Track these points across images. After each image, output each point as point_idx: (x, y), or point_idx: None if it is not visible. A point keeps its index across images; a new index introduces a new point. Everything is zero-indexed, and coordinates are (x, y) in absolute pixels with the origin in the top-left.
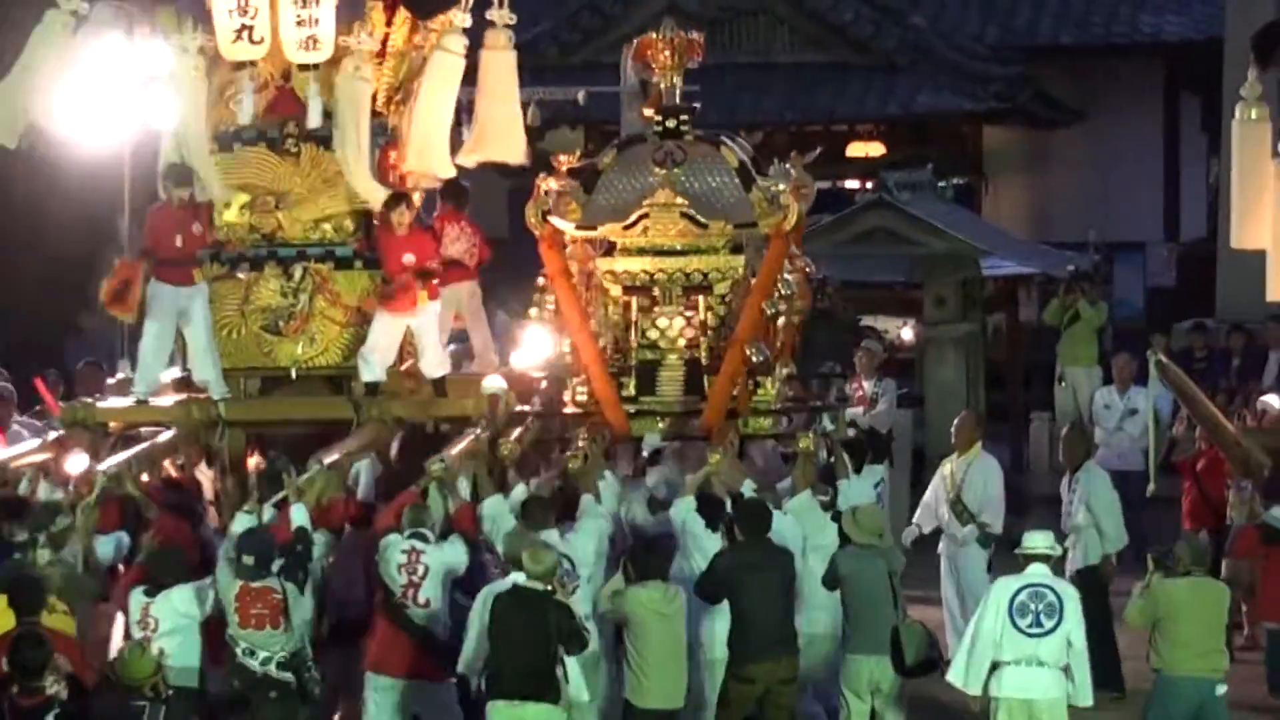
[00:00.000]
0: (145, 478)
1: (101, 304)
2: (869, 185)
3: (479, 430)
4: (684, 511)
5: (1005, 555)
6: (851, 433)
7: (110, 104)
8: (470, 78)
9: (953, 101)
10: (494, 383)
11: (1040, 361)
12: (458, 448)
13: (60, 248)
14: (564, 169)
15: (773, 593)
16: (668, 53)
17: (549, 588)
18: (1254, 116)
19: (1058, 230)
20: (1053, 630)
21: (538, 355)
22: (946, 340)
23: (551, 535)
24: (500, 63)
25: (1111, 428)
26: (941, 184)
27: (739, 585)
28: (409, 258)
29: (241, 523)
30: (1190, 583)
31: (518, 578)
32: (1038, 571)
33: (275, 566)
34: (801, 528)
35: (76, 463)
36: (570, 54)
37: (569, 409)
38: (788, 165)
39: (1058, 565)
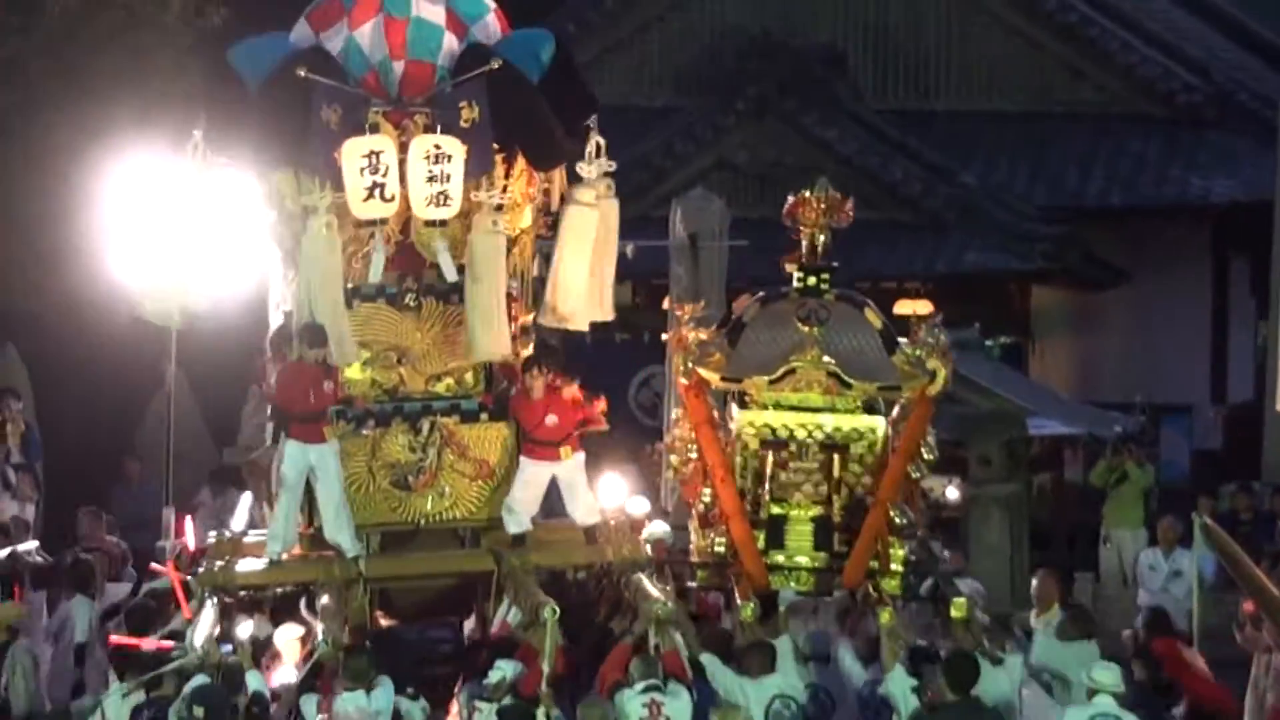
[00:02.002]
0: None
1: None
2: None
3: (647, 576)
4: (899, 684)
5: None
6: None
7: (172, 254)
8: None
9: (1000, 261)
10: (659, 529)
11: (1085, 522)
12: (648, 589)
13: (107, 395)
14: (686, 318)
15: None
16: (817, 210)
17: None
18: None
19: (1104, 391)
20: None
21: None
22: (991, 500)
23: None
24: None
25: (1156, 590)
26: (988, 343)
27: None
28: (552, 419)
29: (197, 680)
30: None
31: None
32: (1105, 702)
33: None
34: None
35: (245, 629)
36: (621, 208)
37: (697, 558)
38: (936, 328)
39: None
